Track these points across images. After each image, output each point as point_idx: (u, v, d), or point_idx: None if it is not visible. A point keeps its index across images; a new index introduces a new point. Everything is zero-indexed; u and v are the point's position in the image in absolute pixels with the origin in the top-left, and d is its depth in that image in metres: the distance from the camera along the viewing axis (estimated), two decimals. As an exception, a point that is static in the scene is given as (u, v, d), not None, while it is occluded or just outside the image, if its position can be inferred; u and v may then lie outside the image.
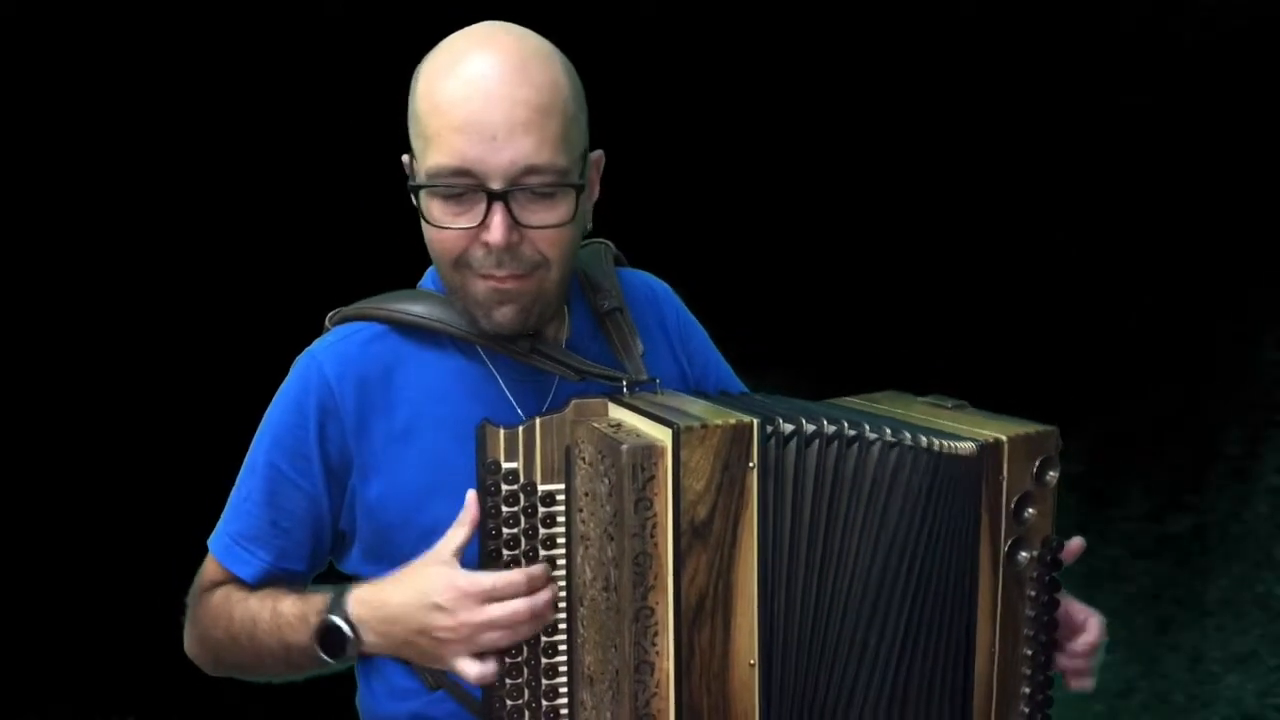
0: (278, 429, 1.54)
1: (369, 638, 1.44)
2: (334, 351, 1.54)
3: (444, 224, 1.43)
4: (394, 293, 1.61)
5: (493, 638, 1.40)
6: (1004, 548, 1.43)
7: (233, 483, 1.60)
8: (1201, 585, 4.69)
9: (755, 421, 1.34)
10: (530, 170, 1.40)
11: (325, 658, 1.46)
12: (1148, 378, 5.57)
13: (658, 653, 1.33)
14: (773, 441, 1.35)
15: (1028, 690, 1.48)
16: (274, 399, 1.57)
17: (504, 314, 1.47)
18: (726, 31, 6.02)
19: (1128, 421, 5.45)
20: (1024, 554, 1.44)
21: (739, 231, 6.18)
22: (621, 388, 1.52)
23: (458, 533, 1.42)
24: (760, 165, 6.21)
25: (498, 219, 1.41)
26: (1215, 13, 5.66)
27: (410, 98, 1.46)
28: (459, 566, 1.41)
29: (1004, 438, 1.41)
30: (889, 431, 1.38)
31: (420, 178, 1.44)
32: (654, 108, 5.58)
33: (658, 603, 1.33)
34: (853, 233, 6.22)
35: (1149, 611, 4.66)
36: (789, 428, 1.36)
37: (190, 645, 1.63)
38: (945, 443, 1.39)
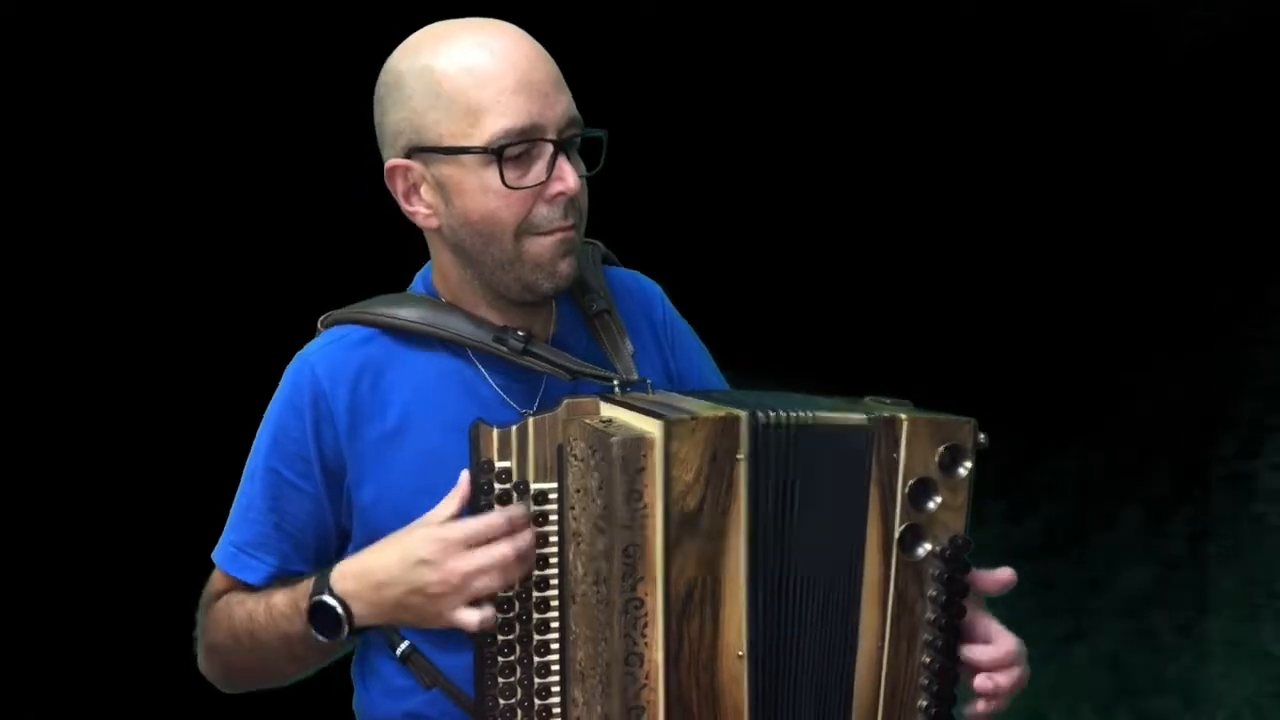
0: (275, 433, 1.56)
1: (360, 609, 1.46)
2: (325, 354, 1.56)
3: (516, 185, 1.47)
4: (384, 296, 1.62)
5: (483, 583, 1.42)
6: (896, 532, 1.39)
7: (226, 490, 1.61)
8: (1201, 587, 4.68)
9: (744, 414, 1.36)
10: (573, 122, 1.50)
11: (321, 639, 1.48)
12: (1148, 377, 5.57)
13: (647, 644, 1.35)
14: (761, 433, 1.37)
15: (924, 702, 1.42)
16: (270, 405, 1.59)
17: (568, 265, 1.52)
18: (723, 32, 6.03)
19: (1127, 421, 5.45)
20: (925, 546, 1.40)
21: (736, 232, 6.19)
22: (613, 387, 1.54)
23: (446, 506, 1.45)
24: (755, 165, 6.22)
25: (568, 167, 1.48)
26: (1217, 12, 5.66)
27: (417, 87, 1.48)
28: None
29: (903, 415, 1.39)
30: (800, 414, 1.39)
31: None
32: (652, 108, 5.59)
33: (647, 594, 1.34)
34: (851, 233, 6.23)
35: (1147, 613, 4.66)
36: (782, 418, 1.38)
37: (201, 660, 1.64)
38: (824, 415, 1.40)
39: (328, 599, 1.46)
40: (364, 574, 1.46)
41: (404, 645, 1.52)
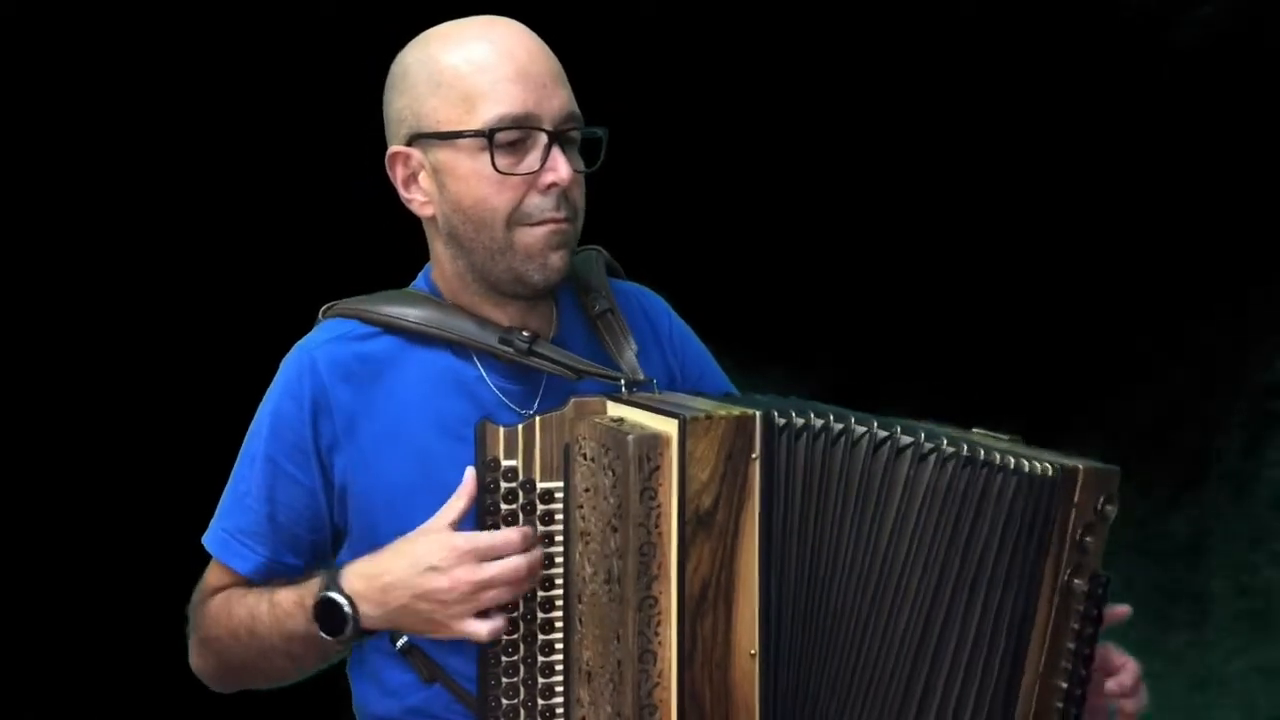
0: (274, 423, 1.55)
1: (367, 609, 1.44)
2: (327, 348, 1.55)
3: (508, 172, 1.48)
4: (390, 293, 1.61)
5: (492, 595, 1.41)
6: (1064, 574, 1.44)
7: (214, 482, 1.60)
8: (1200, 585, 4.68)
9: (758, 414, 1.36)
10: (571, 117, 1.51)
11: (325, 637, 1.46)
12: (1147, 377, 5.57)
13: (660, 642, 1.35)
14: (775, 434, 1.38)
15: None
16: (268, 393, 1.58)
17: (559, 258, 1.52)
18: (724, 31, 6.03)
19: (1127, 421, 5.45)
20: (1077, 582, 1.45)
21: (735, 231, 6.19)
22: (619, 387, 1.53)
23: (455, 505, 1.44)
24: (755, 163, 6.22)
25: (562, 158, 1.49)
26: (1217, 12, 5.67)
27: (420, 76, 1.50)
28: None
29: (1081, 465, 1.44)
30: (965, 447, 1.41)
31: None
32: (652, 107, 5.58)
33: (661, 592, 1.34)
34: (851, 233, 6.23)
35: (1148, 612, 4.66)
36: (793, 421, 1.39)
37: (193, 657, 1.62)
38: (1020, 460, 1.42)
39: (336, 595, 1.44)
40: (373, 575, 1.45)
41: (403, 640, 1.51)
